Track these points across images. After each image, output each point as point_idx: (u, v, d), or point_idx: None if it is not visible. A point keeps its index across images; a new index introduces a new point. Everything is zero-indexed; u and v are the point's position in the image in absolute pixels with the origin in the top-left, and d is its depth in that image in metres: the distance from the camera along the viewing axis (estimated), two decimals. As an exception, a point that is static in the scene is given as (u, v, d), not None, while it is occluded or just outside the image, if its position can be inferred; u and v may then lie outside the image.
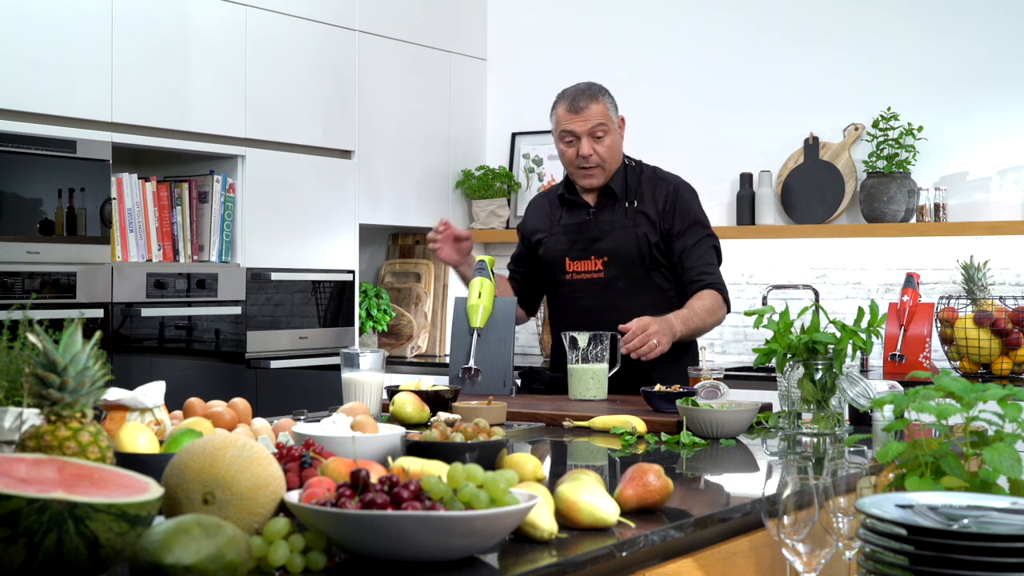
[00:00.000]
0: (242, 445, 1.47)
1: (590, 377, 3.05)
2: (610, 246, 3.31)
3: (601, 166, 3.32)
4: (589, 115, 3.29)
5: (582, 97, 3.32)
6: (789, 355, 2.46)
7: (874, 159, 4.63)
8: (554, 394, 3.24)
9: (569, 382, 3.08)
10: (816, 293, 4.83)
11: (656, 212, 3.31)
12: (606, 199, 3.37)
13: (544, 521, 1.52)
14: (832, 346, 2.43)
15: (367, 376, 2.75)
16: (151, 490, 1.35)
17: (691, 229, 3.31)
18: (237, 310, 4.35)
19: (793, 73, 4.98)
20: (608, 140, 3.31)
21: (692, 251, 3.29)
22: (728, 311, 3.31)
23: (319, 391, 4.60)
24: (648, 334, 3.03)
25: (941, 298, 4.45)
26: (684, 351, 3.26)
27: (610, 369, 3.10)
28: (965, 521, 1.45)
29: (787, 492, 1.60)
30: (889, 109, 4.68)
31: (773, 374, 3.92)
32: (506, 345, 3.21)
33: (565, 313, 3.38)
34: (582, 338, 3.07)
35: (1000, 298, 4.36)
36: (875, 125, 4.66)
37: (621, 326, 3.07)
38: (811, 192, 4.87)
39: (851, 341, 2.44)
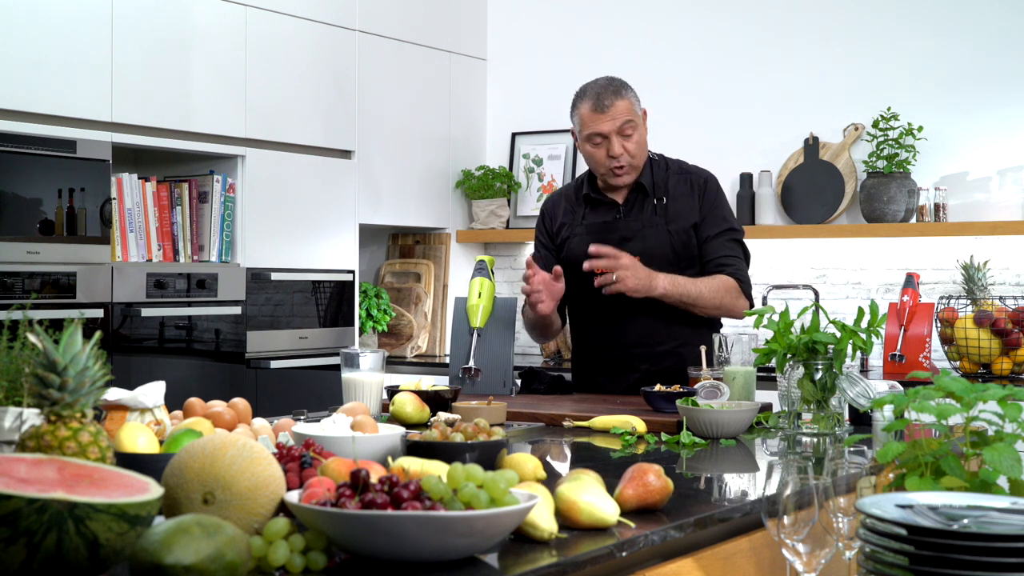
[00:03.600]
0: (242, 445, 1.47)
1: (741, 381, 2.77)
2: (641, 247, 3.18)
3: (632, 164, 3.20)
4: (616, 112, 3.16)
5: (606, 94, 3.17)
6: (789, 355, 2.45)
7: (874, 159, 4.63)
8: (554, 394, 3.23)
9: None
10: (816, 293, 4.83)
11: (689, 205, 3.21)
12: (635, 196, 3.26)
13: (544, 521, 1.52)
14: (832, 346, 2.43)
15: (367, 376, 2.74)
16: (151, 490, 1.34)
17: (714, 220, 3.21)
18: (237, 310, 4.35)
19: (793, 73, 4.97)
20: (636, 136, 3.18)
21: (712, 241, 3.20)
22: (748, 304, 3.17)
23: (319, 391, 4.60)
24: (618, 265, 3.00)
25: (941, 298, 4.45)
26: (704, 331, 3.10)
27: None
28: (965, 521, 1.45)
29: (787, 492, 1.60)
30: (889, 109, 4.67)
31: (773, 374, 3.92)
32: (506, 345, 3.20)
33: (592, 316, 3.28)
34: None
35: (1000, 298, 4.36)
36: (875, 125, 4.66)
37: (596, 248, 3.02)
38: (811, 192, 4.87)
39: (851, 341, 2.44)
